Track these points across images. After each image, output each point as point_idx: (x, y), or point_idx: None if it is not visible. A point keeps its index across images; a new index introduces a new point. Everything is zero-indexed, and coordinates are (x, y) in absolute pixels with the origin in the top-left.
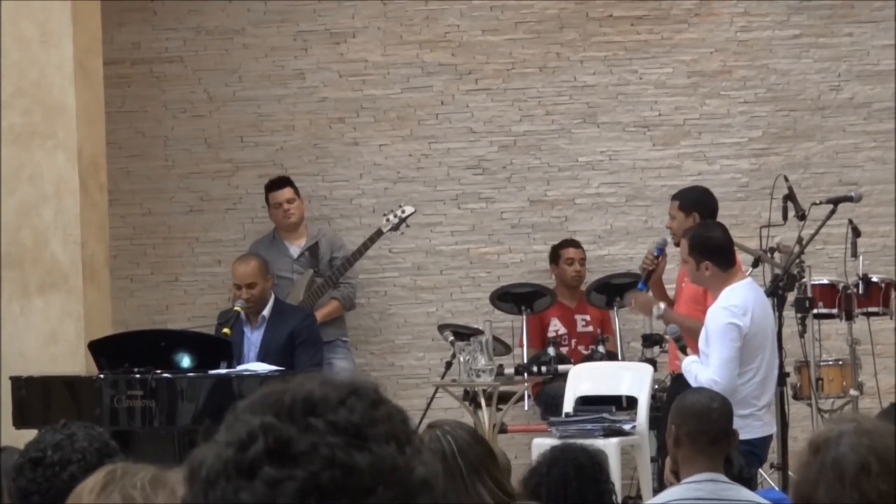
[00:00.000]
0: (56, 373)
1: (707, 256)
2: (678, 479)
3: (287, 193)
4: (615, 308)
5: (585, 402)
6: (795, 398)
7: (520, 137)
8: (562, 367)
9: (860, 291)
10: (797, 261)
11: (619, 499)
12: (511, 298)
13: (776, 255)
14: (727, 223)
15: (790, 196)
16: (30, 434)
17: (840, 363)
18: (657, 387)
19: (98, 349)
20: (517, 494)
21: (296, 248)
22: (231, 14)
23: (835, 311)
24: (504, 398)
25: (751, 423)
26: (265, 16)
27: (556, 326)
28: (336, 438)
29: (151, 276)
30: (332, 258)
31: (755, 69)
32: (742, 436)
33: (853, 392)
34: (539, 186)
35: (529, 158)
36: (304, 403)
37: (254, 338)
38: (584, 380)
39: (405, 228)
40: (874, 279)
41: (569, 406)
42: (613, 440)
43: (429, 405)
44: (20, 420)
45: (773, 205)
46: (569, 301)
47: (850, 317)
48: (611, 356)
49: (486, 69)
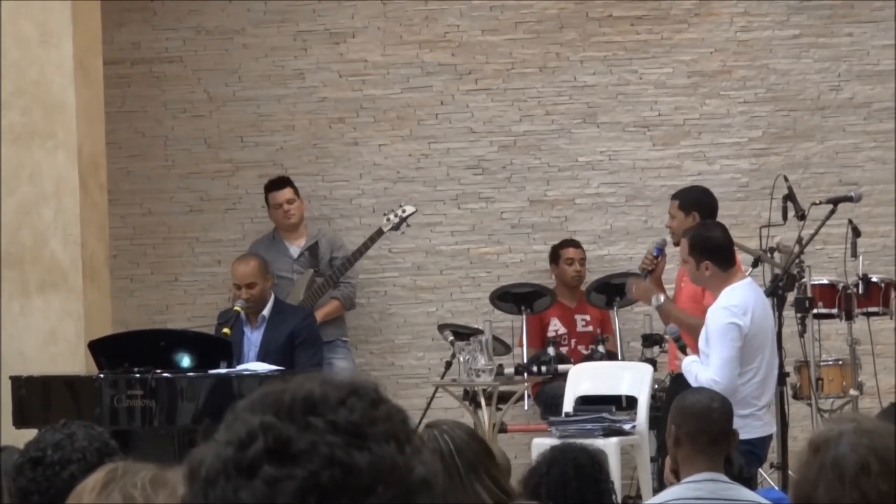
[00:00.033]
0: (56, 372)
1: (707, 256)
2: (678, 479)
3: (287, 194)
4: (615, 308)
5: (585, 402)
6: (795, 398)
7: (520, 137)
8: (561, 367)
9: (860, 291)
10: (797, 261)
11: (619, 498)
12: (511, 298)
13: (776, 255)
14: (727, 223)
15: (790, 196)
16: (30, 434)
17: (840, 363)
18: (657, 387)
19: (98, 349)
20: (517, 494)
21: (296, 248)
22: (231, 14)
23: (835, 311)
24: (504, 398)
25: (751, 423)
26: (265, 16)
27: (556, 326)
28: (336, 438)
29: (151, 276)
30: (332, 258)
31: (755, 69)
32: (742, 435)
33: (853, 392)
34: (539, 186)
35: (529, 158)
36: (304, 403)
37: (254, 338)
38: (584, 379)
39: (405, 228)
40: (874, 279)
41: (569, 406)
42: (613, 440)
43: (429, 405)
44: (20, 420)
45: (773, 205)
46: (569, 301)
47: (850, 317)
48: (611, 356)
49: (486, 69)
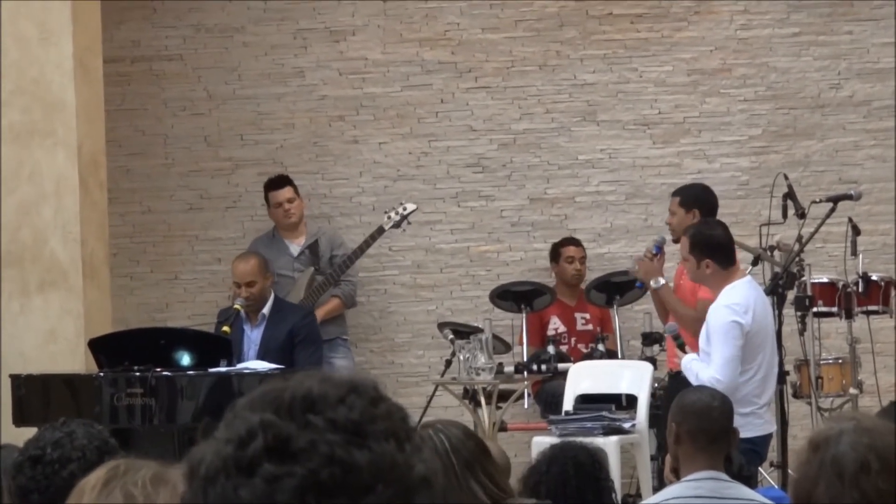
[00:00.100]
0: (56, 371)
1: (708, 254)
2: (678, 477)
3: (287, 193)
4: (615, 306)
5: (585, 401)
6: (795, 396)
7: (519, 135)
8: (561, 366)
9: (860, 290)
10: (797, 259)
11: (619, 497)
12: (511, 297)
13: (776, 254)
14: (727, 221)
15: (790, 194)
16: (29, 432)
17: (840, 362)
18: (657, 385)
19: (98, 347)
20: (517, 492)
21: (296, 247)
22: (231, 12)
23: (835, 310)
24: (504, 396)
25: (752, 422)
26: (265, 14)
27: (556, 325)
28: (335, 436)
29: (151, 274)
30: (333, 256)
31: (755, 67)
32: (743, 434)
33: (853, 390)
34: (539, 184)
35: (529, 156)
36: (304, 401)
37: (254, 336)
38: (584, 378)
39: (406, 226)
40: (874, 277)
41: (568, 404)
42: (613, 438)
43: (428, 403)
44: (20, 418)
45: (773, 203)
46: (568, 299)
47: (850, 315)
48: (610, 354)
49: (486, 67)
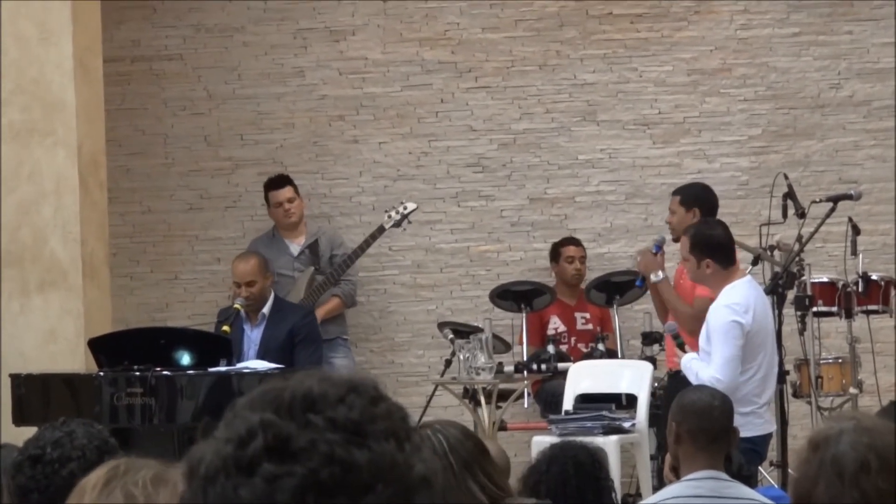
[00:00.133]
0: (56, 370)
1: (708, 254)
2: (677, 477)
3: (287, 193)
4: (615, 306)
5: (585, 400)
6: (795, 396)
7: (519, 135)
8: (561, 365)
9: (860, 289)
10: (797, 259)
11: (619, 496)
12: (511, 296)
13: (776, 254)
14: (727, 221)
15: (790, 194)
16: (29, 431)
17: (840, 361)
18: (657, 385)
19: (98, 347)
20: (516, 491)
21: (296, 246)
22: (231, 12)
23: (834, 309)
24: (504, 396)
25: (752, 421)
26: (265, 14)
27: (556, 324)
28: (335, 435)
29: (151, 274)
30: (333, 255)
31: (755, 67)
32: (743, 433)
33: (853, 390)
34: (539, 184)
35: (529, 156)
36: (304, 400)
37: (253, 335)
38: (584, 378)
39: (406, 225)
40: (874, 277)
41: (568, 404)
42: (613, 438)
43: (428, 403)
44: (19, 417)
45: (773, 203)
46: (568, 299)
47: (850, 315)
48: (610, 354)
49: (486, 67)
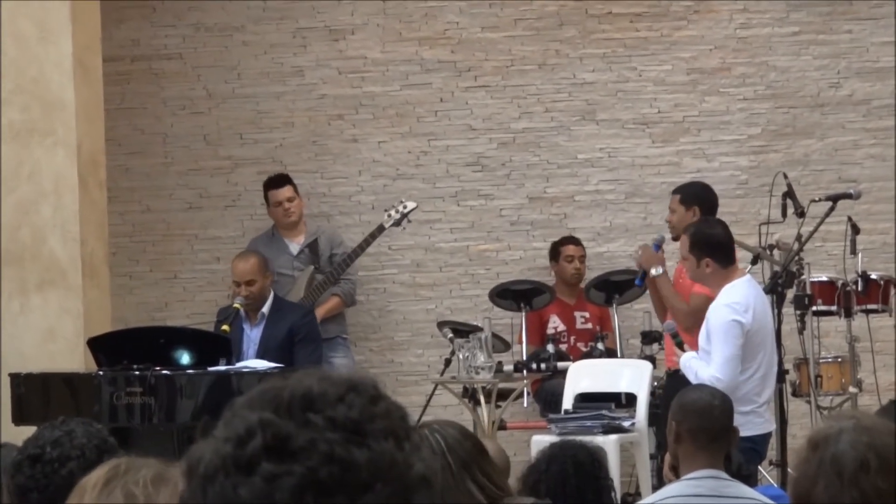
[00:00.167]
0: (55, 369)
1: (708, 253)
2: (677, 476)
3: (287, 192)
4: (614, 305)
5: (585, 399)
6: (794, 395)
7: (519, 134)
8: (561, 364)
9: (859, 289)
10: (796, 258)
11: (618, 496)
12: (510, 295)
13: (775, 253)
14: (726, 220)
15: (789, 193)
16: (28, 431)
17: (839, 360)
18: (656, 384)
19: (97, 346)
20: (517, 491)
21: (295, 245)
22: (230, 11)
23: (834, 309)
24: (503, 395)
25: (752, 420)
26: (264, 13)
27: (556, 323)
28: (334, 434)
29: (150, 274)
30: (332, 254)
31: (754, 66)
32: (743, 432)
33: (852, 389)
34: (538, 183)
35: (528, 155)
36: (303, 399)
37: (253, 335)
38: (584, 377)
39: (406, 224)
40: (873, 276)
41: (568, 403)
42: (612, 437)
43: (428, 402)
44: (19, 417)
45: (773, 202)
46: (568, 298)
47: (850, 314)
48: (610, 353)
49: (486, 66)
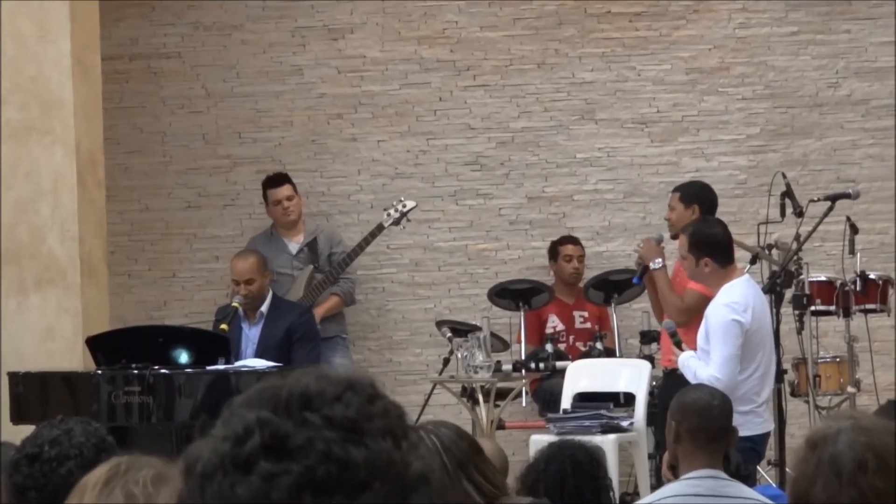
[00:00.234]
0: (54, 368)
1: (707, 253)
2: (676, 475)
3: (286, 191)
4: (613, 305)
5: (583, 399)
6: (793, 395)
7: (518, 134)
8: (560, 364)
9: (858, 288)
10: (795, 258)
11: (617, 495)
12: (509, 295)
13: (774, 252)
14: (725, 220)
15: (788, 193)
16: (27, 430)
17: (838, 360)
18: (655, 383)
19: (95, 345)
20: (515, 490)
21: (294, 245)
22: (229, 10)
23: (832, 308)
24: (502, 394)
25: (751, 420)
26: (263, 12)
27: (554, 323)
28: (332, 433)
29: (149, 273)
30: (331, 254)
31: (753, 66)
32: (742, 432)
33: (851, 389)
34: (537, 183)
35: (527, 155)
36: (301, 398)
37: (251, 334)
38: (582, 376)
39: (406, 223)
40: (872, 276)
41: (567, 402)
42: (611, 437)
43: (426, 401)
44: (17, 415)
45: (771, 202)
46: (567, 297)
47: (848, 314)
48: (609, 353)
49: (485, 65)
